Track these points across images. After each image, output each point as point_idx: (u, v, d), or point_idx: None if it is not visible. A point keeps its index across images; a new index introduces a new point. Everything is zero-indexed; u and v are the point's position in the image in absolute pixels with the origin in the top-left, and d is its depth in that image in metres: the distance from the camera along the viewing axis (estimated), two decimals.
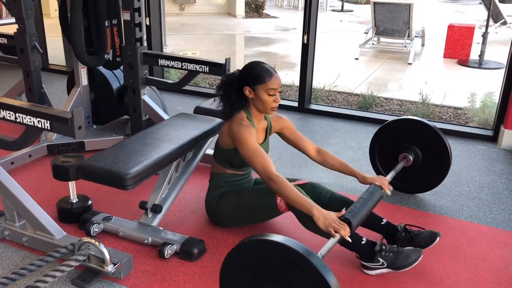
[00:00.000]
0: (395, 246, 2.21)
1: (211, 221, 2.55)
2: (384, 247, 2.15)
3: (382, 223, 2.33)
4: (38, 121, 1.99)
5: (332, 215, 1.95)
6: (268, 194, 2.27)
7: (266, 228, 2.55)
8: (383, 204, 2.85)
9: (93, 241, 2.04)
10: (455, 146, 3.76)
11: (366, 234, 2.25)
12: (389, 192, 2.30)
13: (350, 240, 1.92)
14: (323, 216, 1.95)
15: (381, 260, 2.15)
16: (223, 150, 2.39)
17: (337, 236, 1.88)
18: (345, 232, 1.89)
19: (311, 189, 2.35)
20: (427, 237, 2.28)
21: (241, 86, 2.29)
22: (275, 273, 1.57)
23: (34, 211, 2.25)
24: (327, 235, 1.95)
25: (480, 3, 9.41)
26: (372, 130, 4.04)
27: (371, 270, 2.18)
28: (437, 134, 2.72)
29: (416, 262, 2.14)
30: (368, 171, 2.86)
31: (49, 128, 1.97)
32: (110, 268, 2.05)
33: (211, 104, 2.96)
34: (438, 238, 2.27)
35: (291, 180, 2.44)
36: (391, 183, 2.37)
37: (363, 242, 2.16)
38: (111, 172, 2.09)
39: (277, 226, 2.57)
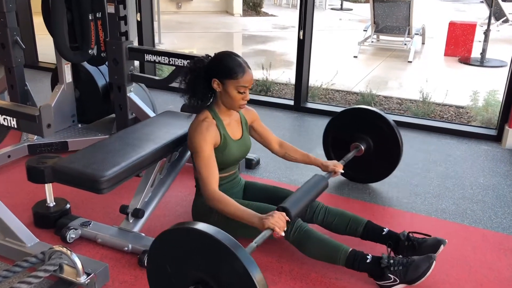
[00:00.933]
0: (403, 257, 2.00)
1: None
2: (391, 262, 1.95)
3: (383, 232, 2.17)
4: (4, 119, 1.83)
5: (271, 212, 1.89)
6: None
7: None
8: (381, 208, 2.68)
9: (64, 249, 1.87)
10: (458, 146, 3.59)
11: (372, 248, 2.08)
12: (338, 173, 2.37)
13: (283, 235, 1.84)
14: (260, 217, 1.87)
15: (392, 276, 1.94)
16: None
17: (270, 230, 1.83)
18: (281, 225, 1.83)
19: None
20: (431, 246, 2.10)
21: (209, 77, 2.09)
22: (201, 262, 1.56)
23: (3, 215, 2.08)
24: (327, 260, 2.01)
25: (482, 1, 9.25)
26: None
27: None
28: (390, 125, 2.70)
29: (429, 271, 1.93)
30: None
31: (15, 126, 1.81)
32: (83, 279, 1.88)
33: None
34: (442, 247, 2.09)
35: (287, 194, 2.26)
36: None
37: (368, 261, 1.97)
38: (84, 174, 1.92)
39: None
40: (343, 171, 2.40)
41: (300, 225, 2.06)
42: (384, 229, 2.18)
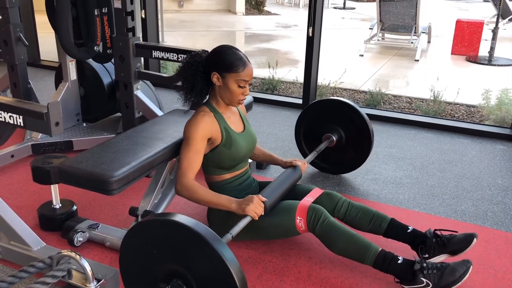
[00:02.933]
0: (438, 262, 1.91)
1: (214, 230, 2.25)
2: (425, 265, 1.86)
3: (409, 230, 2.09)
4: (10, 116, 1.74)
5: (249, 197, 1.92)
6: (287, 215, 2.01)
7: None
8: (398, 209, 2.59)
9: (73, 254, 1.77)
10: (472, 146, 3.50)
11: (394, 248, 1.99)
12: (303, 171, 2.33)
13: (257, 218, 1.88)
14: (238, 202, 1.90)
15: (424, 280, 1.84)
16: (204, 157, 2.07)
17: (249, 218, 1.88)
18: (260, 211, 1.89)
19: (327, 198, 2.18)
20: (462, 240, 2.02)
21: (209, 71, 2.01)
22: (176, 254, 1.54)
23: (8, 218, 1.98)
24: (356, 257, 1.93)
25: (485, 1, 9.16)
26: (382, 128, 3.83)
27: None
28: (361, 116, 2.71)
29: (466, 276, 1.84)
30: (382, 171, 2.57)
31: (21, 124, 1.72)
32: (93, 285, 1.78)
33: None
34: (475, 240, 2.01)
35: (307, 189, 2.20)
36: (312, 162, 2.45)
37: (399, 262, 1.88)
38: (93, 175, 1.83)
39: None
40: (304, 165, 2.33)
41: (326, 217, 1.97)
42: (409, 227, 2.10)
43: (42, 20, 5.57)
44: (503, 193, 2.81)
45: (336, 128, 2.77)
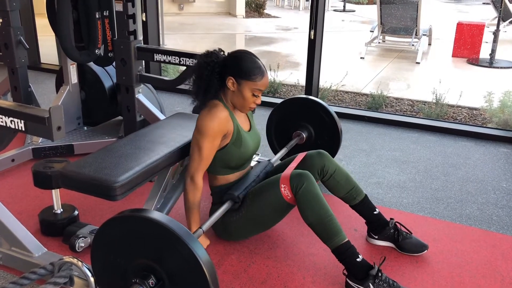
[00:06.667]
0: (392, 279, 1.90)
1: (218, 235, 2.25)
2: (380, 275, 1.86)
3: (375, 212, 2.21)
4: (11, 121, 1.71)
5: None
6: (272, 188, 2.01)
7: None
8: (401, 213, 2.57)
9: (75, 260, 1.75)
10: (475, 149, 3.48)
11: (376, 248, 1.97)
12: None
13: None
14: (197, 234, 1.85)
15: (371, 287, 1.85)
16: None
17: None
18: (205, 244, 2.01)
19: (318, 157, 2.22)
20: (415, 245, 2.16)
21: (225, 74, 1.99)
22: (147, 249, 1.57)
23: (9, 223, 1.96)
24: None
25: (484, 3, 9.16)
26: (384, 131, 3.81)
27: None
28: (330, 114, 2.76)
29: None
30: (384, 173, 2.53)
31: (23, 129, 1.69)
32: None
33: None
34: (425, 251, 2.17)
35: (290, 160, 2.23)
36: (283, 159, 2.43)
37: (358, 260, 1.89)
38: (96, 180, 1.80)
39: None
40: None
41: (311, 182, 1.95)
42: (376, 210, 2.21)
43: (42, 23, 5.56)
44: (508, 197, 2.78)
45: (305, 126, 2.81)
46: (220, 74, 2.00)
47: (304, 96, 2.93)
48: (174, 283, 1.56)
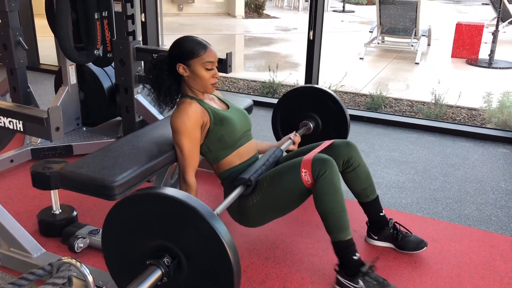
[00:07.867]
0: (382, 277, 1.90)
1: (235, 220, 2.16)
2: (370, 272, 1.88)
3: (381, 214, 2.23)
4: (10, 122, 1.71)
5: None
6: (292, 171, 1.95)
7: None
8: (400, 214, 2.57)
9: (73, 261, 1.74)
10: (474, 149, 3.48)
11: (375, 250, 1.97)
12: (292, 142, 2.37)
13: None
14: None
15: (361, 283, 1.86)
16: (203, 146, 2.06)
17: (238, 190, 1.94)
18: None
19: (346, 147, 2.16)
20: (414, 242, 2.18)
21: (173, 65, 2.00)
22: (166, 229, 1.50)
23: (8, 224, 1.96)
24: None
25: (484, 4, 9.17)
26: (383, 132, 3.81)
27: None
28: (338, 103, 2.69)
29: None
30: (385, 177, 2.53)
31: (21, 129, 1.69)
32: None
33: None
34: (425, 248, 2.18)
35: (315, 146, 2.17)
36: (289, 150, 2.38)
37: (355, 257, 1.89)
38: (94, 180, 1.80)
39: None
40: (295, 136, 2.40)
41: (334, 171, 1.90)
42: (382, 212, 2.23)
43: (41, 24, 5.57)
44: (507, 197, 2.78)
45: (312, 115, 2.75)
46: (170, 69, 2.02)
47: (311, 85, 2.84)
48: (192, 259, 1.51)
